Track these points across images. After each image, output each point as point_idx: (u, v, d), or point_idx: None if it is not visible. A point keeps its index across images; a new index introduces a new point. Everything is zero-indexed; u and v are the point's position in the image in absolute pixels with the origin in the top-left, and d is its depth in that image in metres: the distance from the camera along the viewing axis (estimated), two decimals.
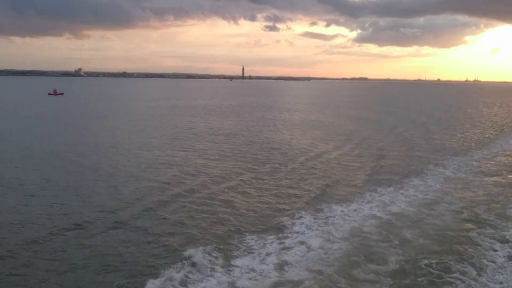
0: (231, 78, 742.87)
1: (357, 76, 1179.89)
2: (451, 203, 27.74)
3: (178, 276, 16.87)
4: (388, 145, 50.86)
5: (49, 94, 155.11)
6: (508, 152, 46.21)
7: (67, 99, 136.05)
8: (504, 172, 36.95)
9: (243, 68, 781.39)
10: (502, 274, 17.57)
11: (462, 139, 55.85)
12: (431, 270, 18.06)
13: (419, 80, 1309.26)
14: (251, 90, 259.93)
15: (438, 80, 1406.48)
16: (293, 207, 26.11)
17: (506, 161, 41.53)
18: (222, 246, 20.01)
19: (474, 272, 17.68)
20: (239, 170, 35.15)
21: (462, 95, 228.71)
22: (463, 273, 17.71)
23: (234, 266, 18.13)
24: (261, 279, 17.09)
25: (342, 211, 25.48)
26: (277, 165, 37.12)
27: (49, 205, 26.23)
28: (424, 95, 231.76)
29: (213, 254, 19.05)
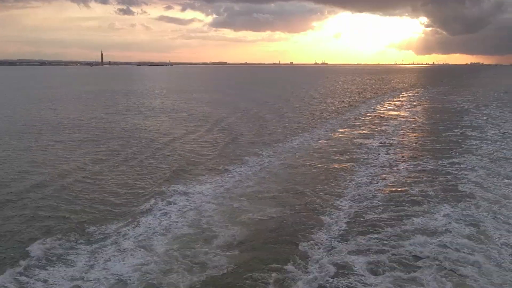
0: (91, 64, 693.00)
1: (217, 60, 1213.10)
2: (325, 149, 36.88)
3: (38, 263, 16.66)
4: (267, 114, 62.08)
5: None
6: (366, 113, 62.83)
7: None
8: (363, 124, 51.11)
9: (101, 54, 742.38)
10: (359, 185, 26.48)
11: (335, 106, 72.63)
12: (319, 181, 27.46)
13: (274, 63, 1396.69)
14: (113, 76, 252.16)
15: (291, 63, 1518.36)
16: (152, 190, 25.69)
17: (366, 119, 56.79)
18: (83, 231, 19.64)
19: (342, 184, 26.36)
20: (94, 159, 33.84)
21: (320, 76, 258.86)
22: (334, 180, 27.11)
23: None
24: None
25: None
26: (134, 151, 36.68)
27: None
28: (286, 76, 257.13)
29: (77, 241, 18.63)
